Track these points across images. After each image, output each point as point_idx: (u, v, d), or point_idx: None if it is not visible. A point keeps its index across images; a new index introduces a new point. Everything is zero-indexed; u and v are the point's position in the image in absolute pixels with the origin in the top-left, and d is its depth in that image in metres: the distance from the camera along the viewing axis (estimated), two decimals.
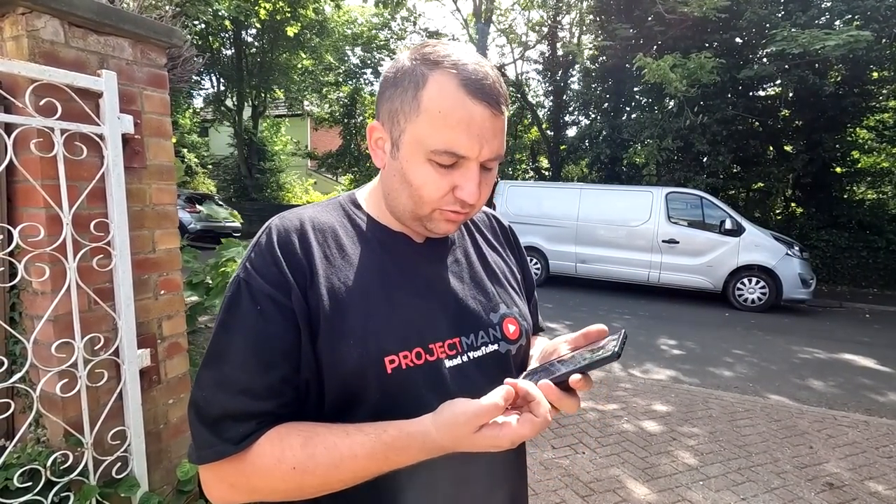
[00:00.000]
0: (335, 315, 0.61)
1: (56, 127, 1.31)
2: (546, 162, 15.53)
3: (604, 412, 3.49)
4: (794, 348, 5.51)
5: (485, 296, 0.72)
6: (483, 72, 0.59)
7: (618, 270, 8.22)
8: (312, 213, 0.69)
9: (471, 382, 0.65)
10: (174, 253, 1.74)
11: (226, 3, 9.27)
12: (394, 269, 0.66)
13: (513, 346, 0.71)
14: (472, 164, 0.60)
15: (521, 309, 0.76)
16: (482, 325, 0.69)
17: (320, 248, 0.65)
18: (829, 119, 10.17)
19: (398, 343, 0.62)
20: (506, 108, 0.61)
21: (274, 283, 0.60)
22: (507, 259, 0.82)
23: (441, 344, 0.65)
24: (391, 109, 0.63)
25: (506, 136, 0.64)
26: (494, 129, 0.59)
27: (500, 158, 0.63)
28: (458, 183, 0.60)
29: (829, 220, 10.51)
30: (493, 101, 0.59)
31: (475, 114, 0.58)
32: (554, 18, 14.26)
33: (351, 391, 0.61)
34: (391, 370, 0.60)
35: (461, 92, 0.58)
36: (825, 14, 9.47)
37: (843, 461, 2.92)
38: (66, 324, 1.39)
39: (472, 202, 0.61)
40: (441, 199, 0.62)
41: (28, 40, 1.30)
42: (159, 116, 1.65)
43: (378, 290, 0.64)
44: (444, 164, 0.60)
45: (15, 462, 1.32)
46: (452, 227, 0.65)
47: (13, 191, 1.39)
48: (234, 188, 19.38)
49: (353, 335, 0.60)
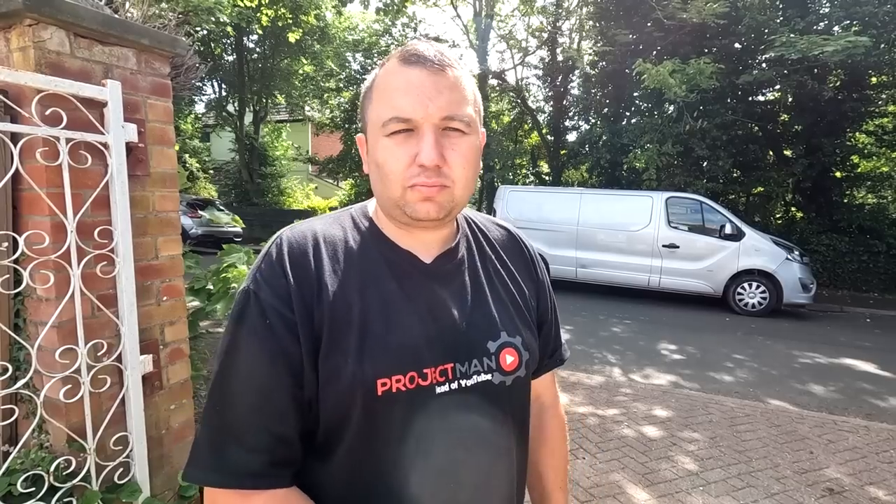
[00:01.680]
0: (335, 332, 0.61)
1: (61, 136, 1.33)
2: (546, 167, 15.57)
3: (604, 417, 3.49)
4: (795, 353, 5.50)
5: (487, 322, 0.69)
6: (423, 46, 0.61)
7: (618, 275, 8.23)
8: (323, 226, 0.69)
9: (458, 411, 0.64)
10: (177, 259, 1.75)
11: (228, 10, 9.33)
12: (397, 290, 0.65)
13: (507, 378, 0.68)
14: (425, 127, 0.59)
15: (525, 338, 0.72)
16: (477, 352, 0.67)
17: (329, 263, 0.65)
18: (828, 124, 10.20)
19: (392, 366, 0.61)
20: (451, 69, 0.61)
21: (282, 295, 0.61)
22: (522, 284, 0.78)
23: (434, 369, 0.63)
24: (361, 113, 0.67)
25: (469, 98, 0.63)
26: (437, 86, 0.59)
27: (463, 118, 0.61)
28: (416, 150, 0.60)
29: (830, 225, 10.52)
30: (428, 62, 0.60)
31: (411, 76, 0.59)
32: (554, 24, 14.34)
33: (341, 410, 0.61)
34: (381, 392, 0.60)
35: (398, 65, 0.61)
36: (823, 20, 9.52)
37: (844, 466, 2.92)
38: (70, 330, 1.40)
39: (426, 163, 0.59)
40: (405, 172, 0.60)
41: (35, 51, 1.32)
42: (162, 124, 1.67)
43: (379, 310, 0.63)
44: (397, 130, 0.60)
45: (18, 467, 1.33)
46: (431, 205, 0.62)
47: (18, 199, 1.41)
48: (236, 193, 19.43)
49: (350, 354, 0.60)
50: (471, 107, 0.63)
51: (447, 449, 0.64)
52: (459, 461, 0.65)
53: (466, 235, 0.76)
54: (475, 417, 0.65)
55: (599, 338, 5.88)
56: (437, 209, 0.62)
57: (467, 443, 0.66)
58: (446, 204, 0.62)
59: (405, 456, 0.62)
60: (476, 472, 0.66)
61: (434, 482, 0.63)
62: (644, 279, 8.03)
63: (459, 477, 0.65)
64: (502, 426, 0.69)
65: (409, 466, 0.62)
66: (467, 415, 0.65)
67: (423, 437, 0.62)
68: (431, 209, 0.62)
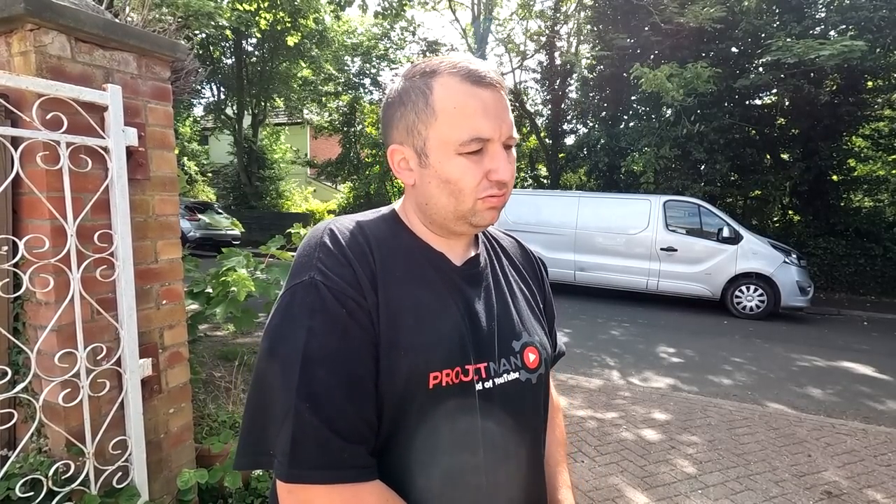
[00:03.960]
0: (391, 325, 0.63)
1: (62, 140, 1.33)
2: (545, 170, 15.59)
3: (602, 420, 3.49)
4: (793, 356, 5.51)
5: (510, 323, 0.74)
6: (477, 63, 0.65)
7: (616, 278, 8.24)
8: (368, 220, 0.72)
9: (493, 407, 0.67)
10: (176, 263, 1.76)
11: (228, 14, 9.35)
12: (441, 288, 0.69)
13: (532, 375, 0.73)
14: (496, 146, 0.64)
15: (541, 338, 0.77)
16: (505, 351, 0.71)
17: (381, 257, 0.66)
18: (825, 128, 10.25)
19: (442, 361, 0.64)
20: (504, 89, 0.66)
21: (352, 283, 0.62)
22: (531, 287, 0.83)
23: (474, 367, 0.66)
24: (407, 126, 0.66)
25: None
26: (504, 106, 0.65)
27: (516, 136, 0.67)
28: (490, 167, 0.64)
29: (827, 228, 10.55)
30: (495, 83, 0.64)
31: (486, 98, 0.63)
32: (552, 28, 14.39)
33: (401, 405, 0.62)
34: (433, 385, 0.62)
35: (466, 84, 0.63)
36: (819, 24, 9.58)
37: (842, 469, 2.92)
38: (69, 334, 1.40)
39: (506, 179, 0.65)
40: (478, 187, 0.65)
41: (36, 56, 1.33)
42: (162, 128, 1.68)
43: (427, 307, 0.66)
44: (472, 151, 0.63)
45: (17, 472, 1.33)
46: (495, 213, 0.68)
47: (19, 203, 1.41)
48: (234, 196, 19.40)
49: (405, 348, 0.62)
50: None
51: (488, 443, 0.66)
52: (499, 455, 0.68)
53: (485, 243, 0.81)
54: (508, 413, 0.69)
55: (598, 341, 5.88)
56: (496, 216, 0.69)
57: (505, 438, 0.69)
58: (501, 211, 0.69)
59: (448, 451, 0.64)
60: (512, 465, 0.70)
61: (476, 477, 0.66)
62: (642, 282, 8.05)
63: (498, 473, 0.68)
64: (531, 420, 0.74)
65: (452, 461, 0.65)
66: (502, 410, 0.68)
67: (466, 431, 0.65)
68: (494, 216, 0.69)
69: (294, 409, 0.56)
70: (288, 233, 2.57)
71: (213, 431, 2.27)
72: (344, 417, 0.57)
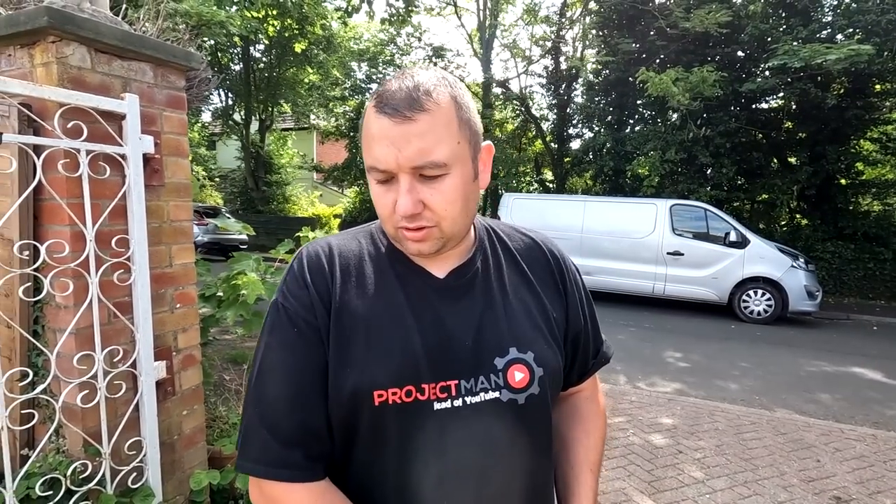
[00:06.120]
0: (342, 343, 0.65)
1: (82, 148, 1.37)
2: (550, 174, 15.60)
3: (610, 425, 3.49)
4: (801, 361, 5.48)
5: (495, 338, 0.68)
6: (396, 87, 0.60)
7: (622, 282, 8.22)
8: (339, 240, 0.74)
9: (460, 428, 0.65)
10: (189, 267, 1.79)
11: (238, 21, 9.48)
12: (405, 305, 0.67)
13: (518, 396, 0.67)
14: (400, 176, 0.60)
15: (539, 353, 0.70)
16: (484, 369, 0.67)
17: (342, 275, 0.69)
18: (832, 131, 10.20)
19: (390, 379, 0.63)
20: (421, 112, 0.58)
21: (306, 305, 0.66)
22: (542, 294, 0.75)
23: (434, 385, 0.64)
24: None
25: (449, 134, 0.61)
26: (406, 135, 0.58)
27: (437, 164, 0.60)
28: (396, 198, 0.61)
29: (835, 232, 10.48)
30: (393, 109, 0.59)
31: (382, 126, 0.59)
32: (557, 33, 14.44)
33: (349, 420, 0.64)
34: (378, 403, 0.62)
35: (373, 111, 0.61)
36: (826, 28, 9.56)
37: (851, 475, 2.91)
38: (87, 337, 1.44)
39: (403, 213, 0.61)
40: (392, 217, 0.63)
41: (57, 66, 1.37)
42: (177, 136, 1.72)
43: (384, 324, 0.66)
44: (379, 180, 0.63)
45: (37, 471, 1.36)
46: (422, 245, 0.64)
47: (39, 209, 1.45)
48: (241, 201, 19.54)
49: (352, 364, 0.64)
50: (451, 142, 0.61)
51: (447, 465, 0.65)
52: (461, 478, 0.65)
53: (484, 247, 0.76)
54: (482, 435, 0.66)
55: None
56: (429, 246, 0.65)
57: (472, 460, 0.65)
58: (436, 241, 0.65)
59: (403, 469, 0.65)
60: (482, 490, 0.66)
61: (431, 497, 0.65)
62: (649, 286, 8.03)
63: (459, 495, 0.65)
64: (514, 445, 0.68)
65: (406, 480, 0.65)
66: (471, 432, 0.65)
67: (420, 451, 0.64)
68: (423, 247, 0.65)
69: (246, 413, 0.66)
70: (297, 237, 2.61)
71: (224, 433, 2.30)
72: (284, 425, 0.63)
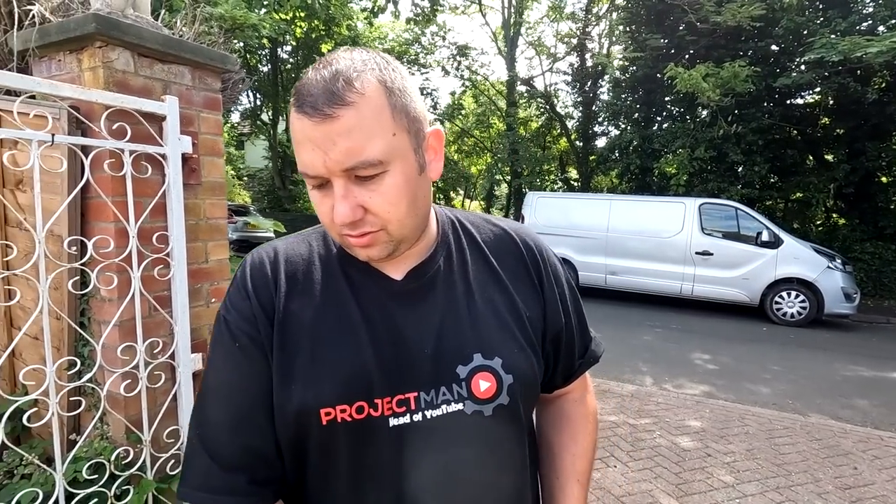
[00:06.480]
0: (286, 355, 0.59)
1: (126, 148, 1.44)
2: (575, 173, 15.45)
3: (636, 426, 3.45)
4: (837, 365, 5.30)
5: (458, 344, 0.62)
6: (313, 79, 0.52)
7: (649, 282, 8.09)
8: (286, 244, 0.67)
9: (419, 444, 0.60)
10: (224, 263, 1.85)
11: (268, 24, 9.70)
12: (356, 312, 0.61)
13: (484, 407, 0.61)
14: (333, 181, 0.53)
15: (508, 358, 0.63)
16: (446, 379, 0.61)
17: (287, 283, 0.63)
18: (872, 127, 9.80)
19: (338, 395, 0.57)
20: (342, 108, 0.50)
21: (248, 317, 0.61)
22: (512, 291, 0.68)
23: (389, 399, 0.59)
24: None
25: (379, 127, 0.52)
26: (328, 135, 0.50)
27: (370, 162, 0.51)
28: (332, 203, 0.54)
29: (874, 232, 10.07)
30: (311, 107, 0.50)
31: (303, 127, 0.51)
32: (583, 30, 14.28)
33: (297, 439, 0.60)
34: (326, 422, 0.57)
35: (293, 111, 0.53)
36: (867, 20, 9.18)
37: (891, 483, 2.80)
38: (130, 329, 1.50)
39: (340, 221, 0.54)
40: (332, 224, 0.56)
41: (103, 70, 1.44)
42: (213, 136, 1.78)
43: (332, 335, 0.60)
44: (314, 186, 0.56)
45: (83, 455, 1.43)
46: (370, 250, 0.58)
47: (86, 206, 1.52)
48: (268, 199, 19.99)
49: (297, 380, 0.58)
50: (385, 136, 0.52)
51: (406, 486, 0.60)
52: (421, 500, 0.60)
53: (448, 242, 0.68)
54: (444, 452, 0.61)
55: (630, 346, 5.79)
56: (378, 251, 0.58)
57: (434, 478, 0.60)
58: (385, 245, 0.58)
59: (356, 493, 0.60)
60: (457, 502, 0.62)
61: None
62: (676, 287, 7.87)
63: None
64: (482, 462, 0.63)
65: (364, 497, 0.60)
66: (433, 449, 0.60)
67: (375, 472, 0.59)
68: (372, 253, 0.58)
69: (188, 436, 0.62)
70: None
71: None
72: (226, 448, 0.59)
